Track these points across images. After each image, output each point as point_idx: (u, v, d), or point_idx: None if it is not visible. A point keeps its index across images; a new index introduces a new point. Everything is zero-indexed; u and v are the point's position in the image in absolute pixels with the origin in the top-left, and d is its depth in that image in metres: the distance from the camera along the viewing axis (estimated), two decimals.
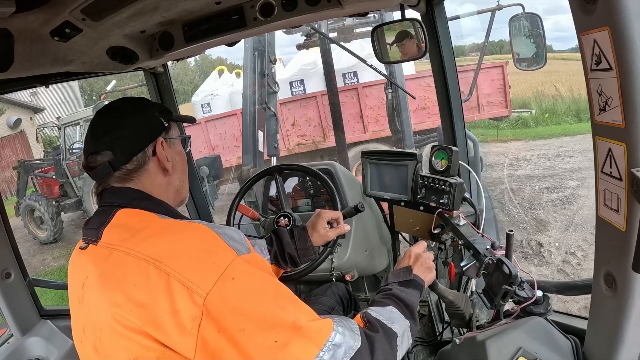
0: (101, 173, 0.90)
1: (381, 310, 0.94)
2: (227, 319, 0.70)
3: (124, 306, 0.73)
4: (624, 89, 0.61)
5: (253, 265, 0.78)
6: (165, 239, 0.78)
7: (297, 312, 0.75)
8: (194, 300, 0.69)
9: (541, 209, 5.78)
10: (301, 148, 7.87)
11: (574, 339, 0.94)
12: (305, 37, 5.95)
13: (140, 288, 0.72)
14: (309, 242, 1.33)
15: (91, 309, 0.80)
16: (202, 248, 0.76)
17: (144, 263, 0.74)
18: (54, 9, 1.04)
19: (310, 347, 0.73)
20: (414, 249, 1.17)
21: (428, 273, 1.13)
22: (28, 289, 1.72)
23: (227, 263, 0.74)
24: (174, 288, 0.70)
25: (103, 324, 0.76)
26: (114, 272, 0.77)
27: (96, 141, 0.90)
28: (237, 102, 8.62)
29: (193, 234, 0.79)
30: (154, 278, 0.72)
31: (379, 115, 7.28)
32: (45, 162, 9.11)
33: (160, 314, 0.70)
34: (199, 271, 0.72)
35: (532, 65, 2.46)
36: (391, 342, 0.86)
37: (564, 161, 8.01)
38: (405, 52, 1.50)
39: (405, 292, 1.01)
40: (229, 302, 0.71)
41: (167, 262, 0.73)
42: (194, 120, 1.19)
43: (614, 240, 0.71)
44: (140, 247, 0.76)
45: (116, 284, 0.75)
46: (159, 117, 0.96)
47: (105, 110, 0.95)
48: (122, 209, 0.86)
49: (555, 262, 4.40)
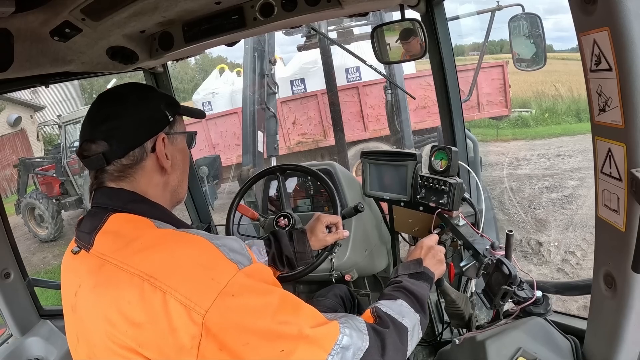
0: (94, 164, 0.83)
1: (391, 304, 0.93)
2: (229, 336, 0.67)
3: (118, 325, 0.69)
4: (624, 89, 0.61)
5: (254, 278, 0.73)
6: (161, 253, 0.73)
7: (301, 321, 0.73)
8: (192, 319, 0.66)
9: (541, 209, 5.79)
10: (302, 146, 7.88)
11: (573, 339, 0.94)
12: (306, 38, 5.95)
13: (135, 306, 0.68)
14: (307, 245, 1.31)
15: (84, 321, 0.77)
16: (200, 262, 0.71)
17: (137, 279, 0.69)
18: (53, 9, 1.04)
19: (318, 352, 0.71)
20: (425, 240, 1.17)
21: (439, 266, 1.12)
22: (27, 288, 1.72)
23: (228, 279, 0.69)
24: (171, 306, 0.66)
25: (97, 340, 0.74)
26: (107, 286, 0.73)
27: (92, 128, 0.84)
28: (237, 101, 8.65)
29: (190, 247, 0.74)
30: (149, 295, 0.68)
31: (379, 114, 7.30)
32: (45, 160, 9.09)
33: (157, 334, 0.67)
34: (196, 288, 0.68)
35: (531, 65, 2.46)
36: (402, 337, 0.86)
37: (564, 161, 8.03)
38: (409, 50, 1.50)
39: (416, 285, 1.00)
40: (230, 319, 0.67)
41: (163, 279, 0.68)
42: (203, 114, 1.09)
43: (613, 240, 0.71)
44: (133, 260, 0.72)
45: (110, 300, 0.71)
46: (164, 110, 0.89)
47: (107, 95, 0.89)
48: (115, 214, 0.81)
49: (555, 262, 4.42)
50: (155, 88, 0.97)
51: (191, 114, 1.04)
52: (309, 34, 5.77)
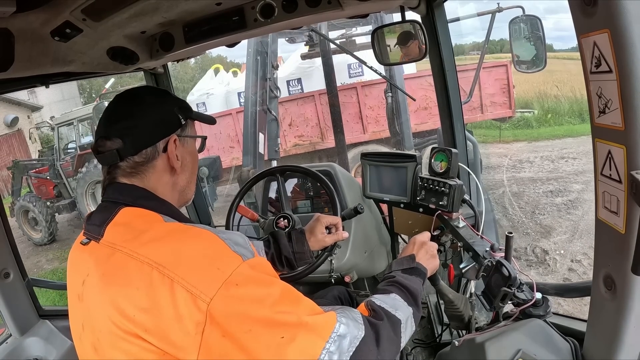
0: (108, 160, 0.88)
1: (384, 297, 0.95)
2: (232, 323, 0.69)
3: (126, 311, 0.72)
4: (624, 91, 0.61)
5: (257, 270, 0.77)
6: (170, 244, 0.76)
7: (300, 311, 0.76)
8: (197, 306, 0.69)
9: (545, 214, 5.64)
10: (298, 149, 7.69)
11: (573, 341, 0.94)
12: (309, 47, 5.93)
13: (143, 292, 0.72)
14: (307, 246, 1.33)
15: (90, 309, 0.80)
16: (206, 254, 0.75)
17: (147, 267, 0.73)
18: (54, 9, 1.04)
19: (316, 340, 0.74)
20: (418, 237, 1.20)
21: (432, 261, 1.15)
22: (27, 289, 1.71)
23: (232, 269, 0.73)
24: (178, 293, 0.70)
25: (102, 327, 0.76)
26: (116, 274, 0.76)
27: (109, 126, 0.88)
28: (233, 102, 8.58)
29: (197, 239, 0.78)
30: (158, 283, 0.71)
31: (378, 115, 7.11)
32: (40, 162, 9.01)
33: (163, 320, 0.70)
34: (203, 277, 0.71)
35: (531, 67, 2.47)
36: (395, 329, 0.88)
37: (568, 163, 7.86)
38: (408, 53, 1.50)
39: (409, 280, 1.03)
40: (233, 307, 0.70)
41: (171, 267, 0.72)
42: (214, 121, 1.13)
43: (613, 242, 0.71)
44: (143, 250, 0.75)
45: (118, 287, 0.74)
46: (177, 113, 0.93)
47: (125, 95, 0.93)
48: (125, 207, 0.84)
49: (561, 271, 4.29)
50: (170, 92, 1.00)
51: (202, 120, 1.06)
52: (312, 43, 5.78)
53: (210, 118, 1.11)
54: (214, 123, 1.12)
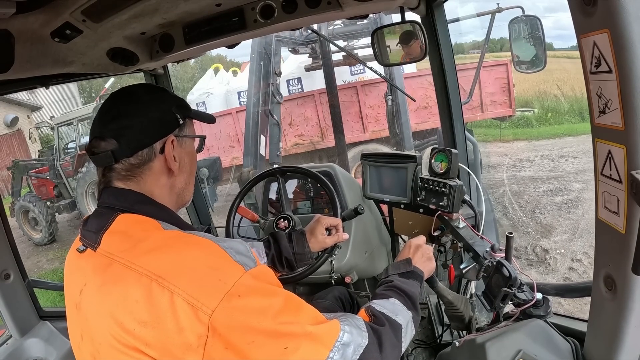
0: (102, 161, 0.84)
1: (384, 302, 0.95)
2: (235, 335, 0.68)
3: (125, 324, 0.70)
4: (624, 91, 0.61)
5: (260, 280, 0.74)
6: (169, 254, 0.73)
7: (304, 320, 0.74)
8: (199, 318, 0.67)
9: (546, 213, 5.65)
10: (298, 148, 7.67)
11: (573, 342, 0.94)
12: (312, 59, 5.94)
13: (142, 305, 0.69)
14: (307, 247, 1.32)
15: (89, 320, 0.78)
16: (207, 264, 0.72)
17: (145, 279, 0.70)
18: (54, 10, 1.04)
19: (321, 349, 0.73)
20: (413, 240, 1.19)
21: (428, 264, 1.14)
22: (27, 290, 1.72)
23: (234, 280, 0.70)
24: (178, 306, 0.67)
25: (102, 339, 0.74)
26: (114, 285, 0.73)
27: (103, 126, 0.84)
28: (232, 101, 8.57)
29: (198, 248, 0.75)
30: (157, 295, 0.69)
31: (378, 114, 7.09)
32: (40, 162, 9.00)
33: (163, 333, 0.68)
34: (204, 288, 0.69)
35: (531, 67, 2.47)
36: (397, 334, 0.88)
37: (568, 162, 7.87)
38: (410, 53, 1.50)
39: (406, 284, 1.02)
40: (236, 319, 0.68)
41: (171, 279, 0.69)
42: (213, 119, 1.08)
43: (613, 242, 0.71)
44: (141, 261, 0.73)
45: (117, 299, 0.72)
46: (175, 112, 0.89)
47: (120, 94, 0.89)
48: (122, 214, 0.81)
49: (561, 271, 4.29)
50: (167, 90, 0.97)
51: (201, 119, 1.02)
52: (315, 55, 5.78)
53: (210, 117, 1.07)
54: (213, 122, 1.08)
